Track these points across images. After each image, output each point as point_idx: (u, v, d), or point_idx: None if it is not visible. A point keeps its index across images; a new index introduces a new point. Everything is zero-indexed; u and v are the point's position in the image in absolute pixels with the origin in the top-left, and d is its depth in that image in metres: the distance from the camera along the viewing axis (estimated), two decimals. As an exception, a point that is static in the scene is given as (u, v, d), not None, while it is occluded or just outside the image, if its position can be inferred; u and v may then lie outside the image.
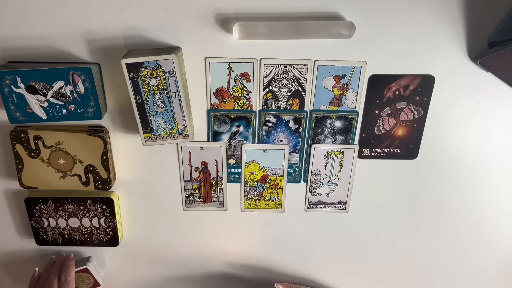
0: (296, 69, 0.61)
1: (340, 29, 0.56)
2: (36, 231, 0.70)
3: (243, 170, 0.69)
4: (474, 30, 0.59)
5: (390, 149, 0.68)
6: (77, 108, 0.59)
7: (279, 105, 0.64)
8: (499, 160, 0.69)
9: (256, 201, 0.72)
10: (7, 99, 0.57)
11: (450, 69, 0.62)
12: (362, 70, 0.61)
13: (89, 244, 0.71)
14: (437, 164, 0.69)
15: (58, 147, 0.63)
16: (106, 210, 0.68)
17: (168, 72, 0.55)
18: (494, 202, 0.72)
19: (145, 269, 0.78)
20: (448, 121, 0.66)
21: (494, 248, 0.76)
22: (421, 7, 0.58)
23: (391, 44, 0.60)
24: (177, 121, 0.59)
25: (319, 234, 0.75)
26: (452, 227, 0.74)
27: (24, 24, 0.57)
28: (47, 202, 0.67)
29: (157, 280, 0.79)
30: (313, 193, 0.71)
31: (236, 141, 0.67)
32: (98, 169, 0.64)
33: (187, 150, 0.67)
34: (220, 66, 0.61)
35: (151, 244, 0.75)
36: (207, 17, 0.57)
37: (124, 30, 0.58)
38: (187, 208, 0.72)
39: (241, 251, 0.76)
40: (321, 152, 0.68)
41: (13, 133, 0.61)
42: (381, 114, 0.65)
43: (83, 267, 0.72)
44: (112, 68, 0.60)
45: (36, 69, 0.56)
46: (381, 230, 0.74)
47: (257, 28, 0.56)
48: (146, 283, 0.79)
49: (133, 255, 0.76)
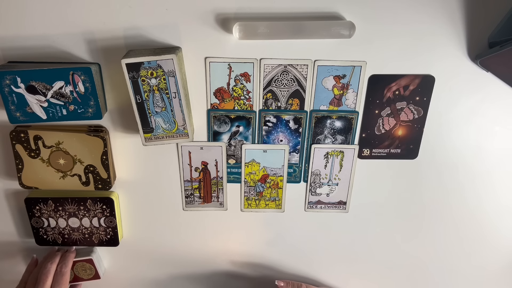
0: (296, 69, 0.61)
1: (340, 29, 0.56)
2: (36, 231, 0.70)
3: (243, 170, 0.69)
4: (474, 30, 0.59)
5: (390, 149, 0.68)
6: (77, 108, 0.59)
7: (279, 105, 0.64)
8: (499, 160, 0.69)
9: (256, 201, 0.72)
10: (7, 99, 0.57)
11: (450, 69, 0.62)
12: (362, 70, 0.61)
13: (89, 244, 0.71)
14: (437, 164, 0.69)
15: (58, 147, 0.63)
16: (106, 210, 0.68)
17: (168, 72, 0.55)
18: (494, 202, 0.72)
19: (145, 269, 0.78)
20: (448, 121, 0.66)
21: (495, 247, 0.76)
22: (421, 7, 0.58)
23: (391, 44, 0.60)
24: (177, 121, 0.59)
25: (319, 234, 0.75)
26: (452, 227, 0.74)
27: (24, 24, 0.57)
28: (47, 202, 0.67)
29: (157, 280, 0.79)
30: (313, 193, 0.71)
31: (236, 141, 0.67)
32: (98, 169, 0.64)
33: (187, 150, 0.67)
34: (220, 66, 0.61)
35: (151, 244, 0.75)
36: (207, 17, 0.57)
37: (124, 30, 0.58)
38: (187, 208, 0.72)
39: (241, 251, 0.76)
40: (321, 152, 0.68)
41: (13, 133, 0.61)
42: (381, 114, 0.65)
43: (88, 257, 0.72)
44: (112, 68, 0.60)
45: (36, 69, 0.56)
46: (381, 230, 0.74)
47: (257, 28, 0.56)
48: (146, 283, 0.79)
49: (133, 255, 0.76)
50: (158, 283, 0.79)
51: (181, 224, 0.73)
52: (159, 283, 0.79)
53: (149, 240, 0.74)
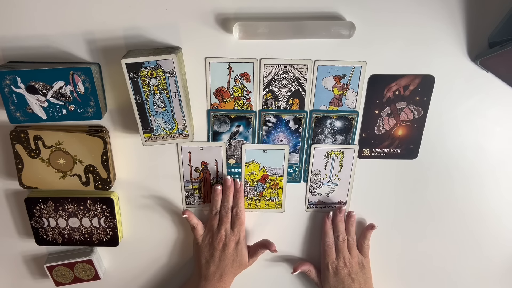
0: (296, 69, 0.61)
1: (340, 29, 0.56)
2: (36, 231, 0.70)
3: (243, 170, 0.69)
4: (474, 30, 0.59)
5: (390, 149, 0.68)
6: (77, 108, 0.59)
7: (279, 105, 0.64)
8: (499, 160, 0.69)
9: (256, 201, 0.72)
10: (7, 99, 0.57)
11: (450, 69, 0.62)
12: (362, 70, 0.61)
13: (89, 244, 0.71)
14: (437, 164, 0.69)
15: (58, 147, 0.63)
16: (106, 210, 0.68)
17: (168, 72, 0.55)
18: (494, 202, 0.72)
19: (145, 269, 0.78)
20: (448, 121, 0.66)
21: (494, 248, 0.76)
22: (421, 7, 0.58)
23: (391, 44, 0.60)
24: (177, 121, 0.59)
25: (319, 234, 0.75)
26: (452, 227, 0.74)
27: (24, 24, 0.57)
28: (47, 202, 0.67)
29: (157, 280, 0.79)
30: (313, 193, 0.71)
31: (236, 141, 0.67)
32: (98, 169, 0.64)
33: (187, 150, 0.67)
34: (220, 66, 0.61)
35: (151, 244, 0.75)
36: (207, 17, 0.57)
37: (124, 30, 0.58)
38: (187, 208, 0.72)
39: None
40: (321, 152, 0.68)
41: (13, 133, 0.61)
42: (381, 114, 0.65)
43: (87, 258, 0.72)
44: (112, 68, 0.60)
45: (36, 69, 0.56)
46: (381, 230, 0.74)
47: (257, 28, 0.56)
48: (146, 283, 0.79)
49: (133, 255, 0.76)
50: (158, 283, 0.79)
51: (181, 224, 0.73)
52: (159, 282, 0.79)
53: (149, 240, 0.74)
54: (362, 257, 0.72)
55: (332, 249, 0.70)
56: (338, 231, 0.70)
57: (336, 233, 0.70)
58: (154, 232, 0.74)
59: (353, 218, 0.71)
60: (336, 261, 0.70)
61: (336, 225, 0.71)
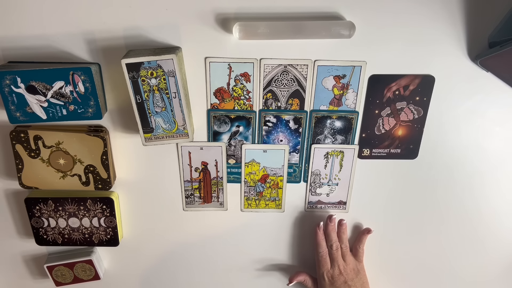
0: (296, 69, 0.61)
1: (340, 29, 0.56)
2: (36, 231, 0.70)
3: (243, 170, 0.69)
4: (474, 30, 0.59)
5: (390, 149, 0.68)
6: (77, 108, 0.59)
7: (279, 105, 0.64)
8: (499, 160, 0.69)
9: (256, 201, 0.72)
10: (7, 99, 0.57)
11: (450, 69, 0.62)
12: (362, 70, 0.61)
13: (89, 244, 0.71)
14: (437, 164, 0.69)
15: (58, 147, 0.63)
16: (106, 210, 0.68)
17: (168, 72, 0.55)
18: (495, 202, 0.72)
19: (145, 269, 0.78)
20: (448, 121, 0.66)
21: (494, 248, 0.76)
22: (421, 7, 0.58)
23: (391, 44, 0.60)
24: (177, 121, 0.59)
25: (319, 234, 0.75)
26: (452, 227, 0.74)
27: (24, 24, 0.57)
28: (47, 202, 0.67)
29: (157, 280, 0.79)
30: (313, 193, 0.71)
31: (236, 141, 0.67)
32: (98, 169, 0.64)
33: (187, 150, 0.67)
34: (220, 66, 0.61)
35: (151, 244, 0.75)
36: (207, 17, 0.57)
37: (124, 30, 0.58)
38: (187, 208, 0.72)
39: (241, 251, 0.76)
40: (321, 152, 0.68)
41: (13, 133, 0.61)
42: (381, 114, 0.65)
43: (87, 258, 0.72)
44: (112, 68, 0.60)
45: (36, 69, 0.56)
46: (381, 230, 0.74)
47: (257, 28, 0.56)
48: (146, 283, 0.79)
49: (133, 255, 0.76)
50: (158, 283, 0.79)
51: (181, 224, 0.73)
52: (159, 283, 0.79)
53: (149, 240, 0.74)
54: (356, 262, 0.72)
55: (327, 258, 0.70)
56: (331, 240, 0.70)
57: (329, 242, 0.70)
58: (154, 232, 0.74)
59: (344, 226, 0.71)
60: (331, 270, 0.70)
61: (328, 235, 0.70)
